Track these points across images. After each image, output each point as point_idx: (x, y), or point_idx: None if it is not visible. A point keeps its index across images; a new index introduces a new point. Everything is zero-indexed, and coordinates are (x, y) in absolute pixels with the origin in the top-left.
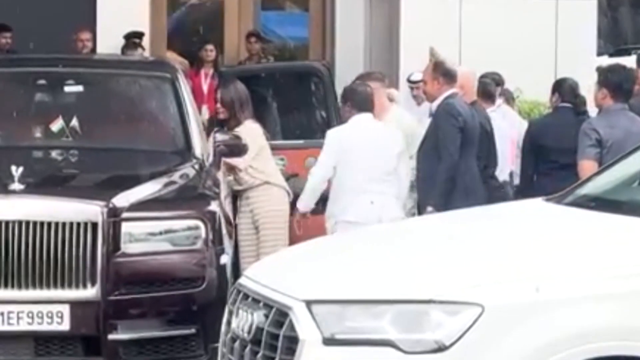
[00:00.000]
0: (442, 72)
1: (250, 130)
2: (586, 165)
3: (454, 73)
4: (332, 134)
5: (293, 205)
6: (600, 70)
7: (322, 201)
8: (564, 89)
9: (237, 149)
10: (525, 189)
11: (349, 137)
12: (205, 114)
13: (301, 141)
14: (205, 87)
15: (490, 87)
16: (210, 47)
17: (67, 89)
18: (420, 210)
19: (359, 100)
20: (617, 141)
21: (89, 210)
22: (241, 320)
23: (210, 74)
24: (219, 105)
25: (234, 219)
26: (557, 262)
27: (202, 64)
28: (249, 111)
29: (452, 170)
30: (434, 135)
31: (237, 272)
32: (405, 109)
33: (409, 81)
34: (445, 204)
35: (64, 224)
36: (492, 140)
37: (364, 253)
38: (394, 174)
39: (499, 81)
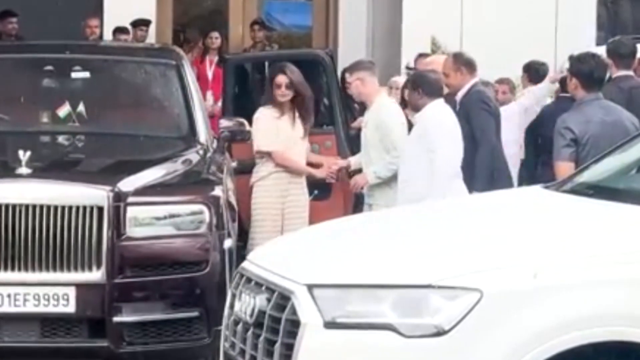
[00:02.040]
0: (463, 62)
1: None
2: (562, 167)
3: (474, 62)
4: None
5: None
6: (571, 60)
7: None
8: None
9: (242, 135)
10: (528, 178)
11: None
12: (210, 100)
13: None
14: (210, 74)
15: None
16: (215, 34)
17: (74, 75)
18: None
19: (431, 86)
20: (593, 135)
21: (95, 194)
22: (244, 304)
23: (215, 61)
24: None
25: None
26: (555, 249)
27: (207, 51)
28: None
29: (493, 154)
30: (466, 124)
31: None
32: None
33: (407, 68)
34: (490, 188)
35: (70, 208)
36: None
37: (365, 238)
38: None
39: None
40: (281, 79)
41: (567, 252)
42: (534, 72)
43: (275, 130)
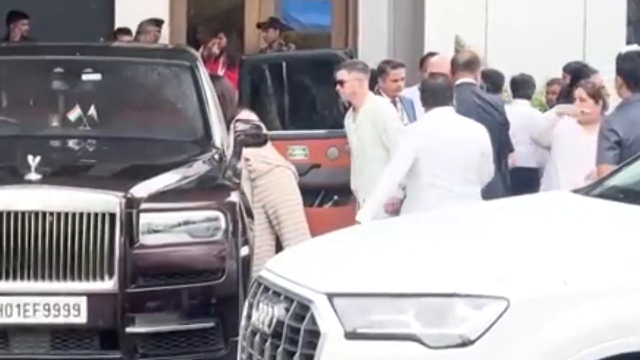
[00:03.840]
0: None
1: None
2: (604, 170)
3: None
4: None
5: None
6: (617, 58)
7: (338, 193)
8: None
9: (259, 138)
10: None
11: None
12: None
13: (323, 131)
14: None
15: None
16: (220, 35)
17: (84, 77)
18: None
19: (434, 94)
20: (637, 137)
21: (107, 200)
22: (262, 314)
23: (222, 62)
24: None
25: None
26: (585, 255)
27: (222, 53)
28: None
29: None
30: None
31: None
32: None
33: None
34: None
35: (81, 215)
36: None
37: (387, 245)
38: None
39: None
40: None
41: (597, 258)
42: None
43: None
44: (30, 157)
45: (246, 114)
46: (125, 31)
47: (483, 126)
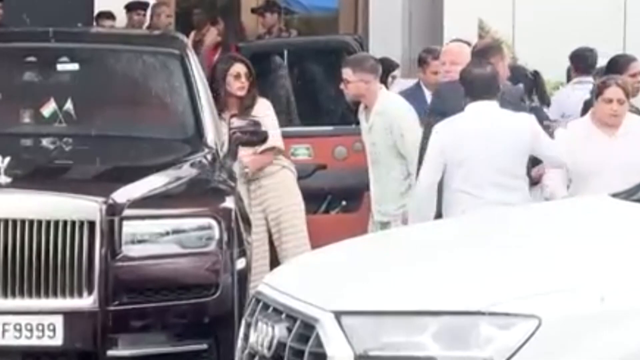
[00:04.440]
0: None
1: (267, 107)
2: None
3: None
4: None
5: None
6: None
7: (347, 198)
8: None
9: (257, 136)
10: None
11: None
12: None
13: (329, 128)
14: None
15: None
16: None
17: (60, 67)
18: None
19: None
20: None
21: (85, 207)
22: (260, 334)
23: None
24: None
25: None
26: (625, 267)
27: (226, 40)
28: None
29: None
30: None
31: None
32: None
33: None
34: None
35: (56, 223)
36: None
37: (402, 257)
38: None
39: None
40: (241, 68)
41: (639, 272)
42: (582, 61)
43: None
44: None
45: (263, 106)
46: (108, 15)
47: (525, 114)
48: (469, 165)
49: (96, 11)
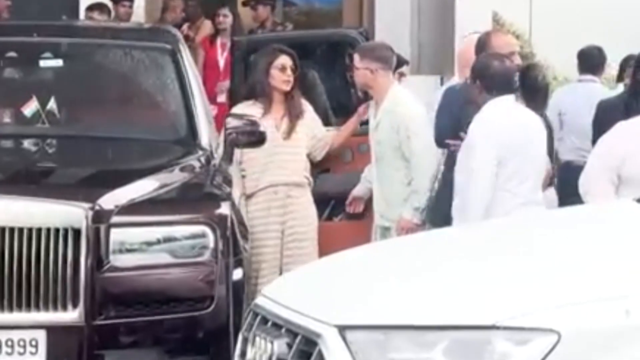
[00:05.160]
0: None
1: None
2: None
3: None
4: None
5: None
6: None
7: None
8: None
9: (254, 137)
10: None
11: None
12: (224, 94)
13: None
14: (221, 61)
15: None
16: (224, 11)
17: (43, 63)
18: None
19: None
20: None
21: (70, 213)
22: (258, 351)
23: (228, 45)
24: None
25: None
26: None
27: (218, 33)
28: None
29: None
30: None
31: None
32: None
33: None
34: None
35: (38, 231)
36: None
37: (410, 267)
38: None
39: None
40: (286, 60)
41: None
42: (587, 60)
43: None
44: None
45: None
46: (99, 7)
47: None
48: (513, 163)
49: (82, 3)
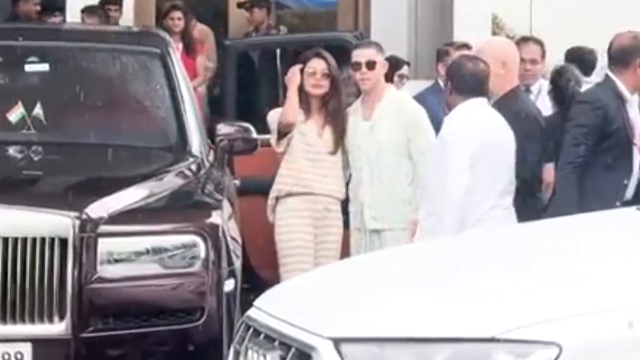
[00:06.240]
0: None
1: None
2: None
3: None
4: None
5: None
6: None
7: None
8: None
9: (247, 144)
10: None
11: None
12: None
13: None
14: None
15: None
16: (177, 14)
17: (28, 67)
18: None
19: (463, 80)
20: None
21: (57, 222)
22: None
23: (180, 48)
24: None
25: None
26: None
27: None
28: None
29: None
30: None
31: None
32: None
33: None
34: None
35: (24, 241)
36: None
37: (407, 278)
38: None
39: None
40: (317, 64)
41: None
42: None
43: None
44: None
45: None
46: (93, 10)
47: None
48: (485, 165)
49: (68, 5)
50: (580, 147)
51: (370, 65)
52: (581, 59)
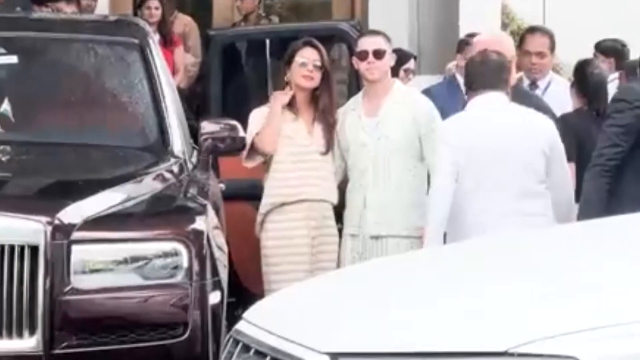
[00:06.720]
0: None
1: None
2: None
3: None
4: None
5: None
6: None
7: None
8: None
9: (233, 143)
10: None
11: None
12: None
13: None
14: None
15: None
16: (154, 3)
17: None
18: None
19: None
20: None
21: (26, 228)
22: None
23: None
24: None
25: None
26: None
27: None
28: None
29: None
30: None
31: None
32: None
33: None
34: None
35: None
36: None
37: (410, 288)
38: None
39: None
40: (310, 54)
41: None
42: (620, 57)
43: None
44: None
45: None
46: None
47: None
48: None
49: None
50: (614, 148)
51: (378, 54)
52: (615, 51)
